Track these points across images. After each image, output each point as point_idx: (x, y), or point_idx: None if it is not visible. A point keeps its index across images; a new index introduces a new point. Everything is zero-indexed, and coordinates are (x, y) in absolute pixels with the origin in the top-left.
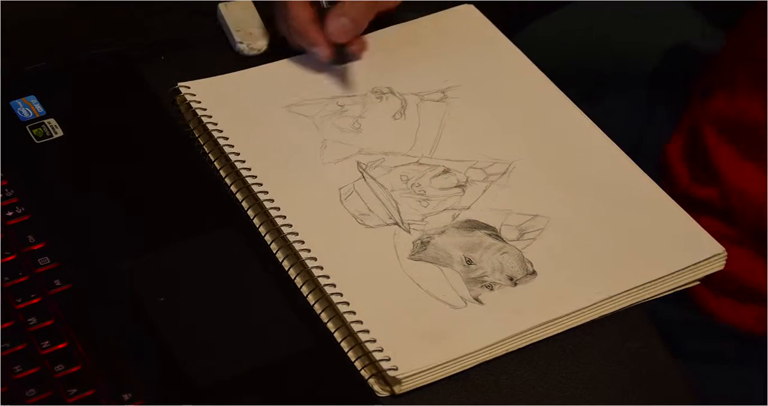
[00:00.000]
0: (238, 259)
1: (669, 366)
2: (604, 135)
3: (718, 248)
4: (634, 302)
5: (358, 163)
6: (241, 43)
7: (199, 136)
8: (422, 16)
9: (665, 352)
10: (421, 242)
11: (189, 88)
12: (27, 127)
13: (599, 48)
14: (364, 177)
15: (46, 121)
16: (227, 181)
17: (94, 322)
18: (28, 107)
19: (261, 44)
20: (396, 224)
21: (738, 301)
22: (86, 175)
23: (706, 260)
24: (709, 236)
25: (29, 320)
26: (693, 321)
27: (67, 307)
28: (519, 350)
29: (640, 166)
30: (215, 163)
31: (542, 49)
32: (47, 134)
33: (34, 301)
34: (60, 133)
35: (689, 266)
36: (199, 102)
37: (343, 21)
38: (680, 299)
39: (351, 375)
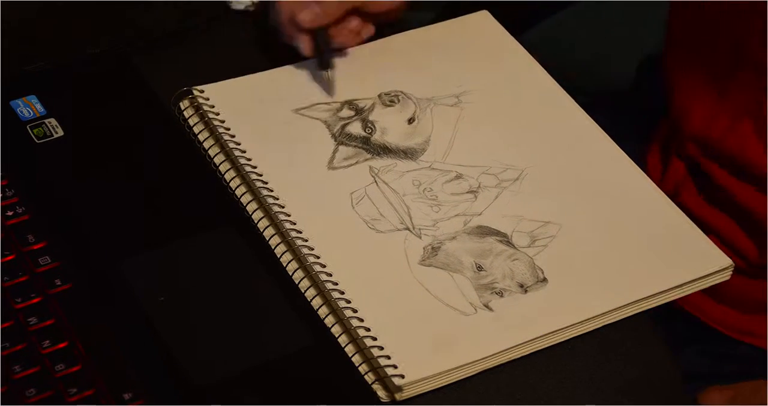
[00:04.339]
0: (241, 261)
1: (669, 366)
2: (615, 144)
3: (725, 260)
4: (639, 310)
5: (371, 167)
6: None
7: (204, 140)
8: (437, 20)
9: (665, 352)
10: (432, 248)
11: (203, 92)
12: (27, 126)
13: (601, 50)
14: (376, 182)
15: (46, 120)
16: (233, 184)
17: (94, 322)
18: (29, 107)
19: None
20: (407, 229)
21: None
22: (86, 174)
23: (713, 273)
24: (717, 248)
25: (29, 319)
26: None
27: (67, 306)
28: None
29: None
30: (221, 166)
31: (546, 53)
32: (48, 134)
33: (34, 301)
34: (60, 132)
35: (697, 279)
36: (213, 106)
37: (312, 7)
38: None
39: (352, 376)
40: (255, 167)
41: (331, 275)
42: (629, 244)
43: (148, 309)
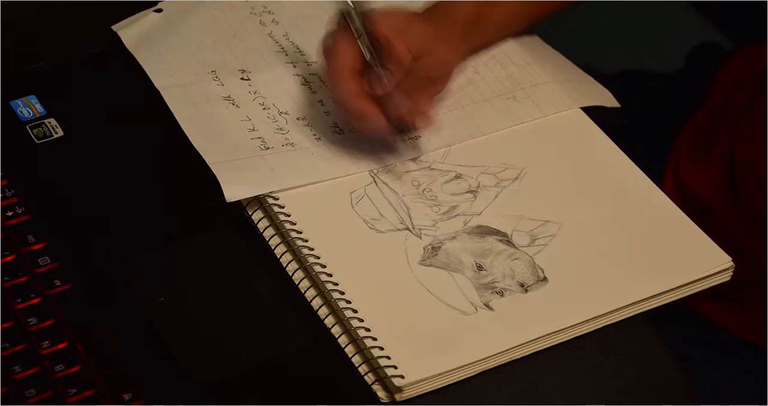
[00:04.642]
0: (241, 262)
1: (669, 366)
2: (613, 143)
3: (726, 260)
4: (640, 310)
5: None
6: None
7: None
8: None
9: (665, 352)
10: (432, 248)
11: None
12: (27, 127)
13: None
14: (375, 182)
15: (46, 121)
16: None
17: (94, 322)
18: (29, 107)
19: None
20: (407, 229)
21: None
22: (86, 175)
23: (715, 273)
24: (718, 247)
25: (29, 320)
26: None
27: (67, 307)
28: None
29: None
30: None
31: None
32: (47, 134)
33: (34, 301)
34: (60, 133)
35: (698, 279)
36: None
37: (405, 103)
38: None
39: (352, 377)
40: None
41: (331, 276)
42: (629, 243)
43: (148, 309)
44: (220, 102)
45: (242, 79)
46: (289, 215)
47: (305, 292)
